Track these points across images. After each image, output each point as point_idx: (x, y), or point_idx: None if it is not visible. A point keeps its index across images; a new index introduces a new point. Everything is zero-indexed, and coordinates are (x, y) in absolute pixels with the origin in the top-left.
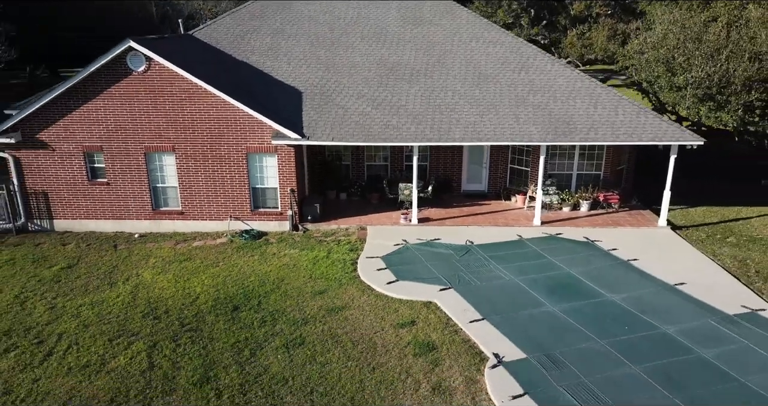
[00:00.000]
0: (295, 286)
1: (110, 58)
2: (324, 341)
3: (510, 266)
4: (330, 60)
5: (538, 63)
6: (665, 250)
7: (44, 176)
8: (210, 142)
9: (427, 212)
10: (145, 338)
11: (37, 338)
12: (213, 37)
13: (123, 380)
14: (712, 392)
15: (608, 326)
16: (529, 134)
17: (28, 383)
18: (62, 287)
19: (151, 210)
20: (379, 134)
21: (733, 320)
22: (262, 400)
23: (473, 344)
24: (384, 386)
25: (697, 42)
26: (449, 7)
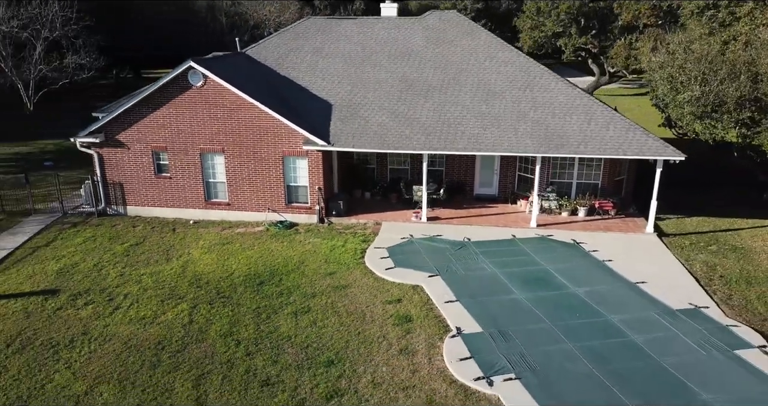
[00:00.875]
0: (311, 268)
1: (175, 74)
2: (325, 311)
3: (495, 261)
4: (359, 76)
5: (543, 81)
6: (642, 253)
7: (121, 170)
8: (253, 146)
9: (438, 211)
10: (188, 301)
11: (109, 297)
12: (262, 54)
13: (168, 330)
14: (628, 367)
15: (562, 313)
16: (525, 146)
17: (100, 328)
18: (130, 260)
19: (203, 201)
20: (393, 143)
21: (674, 314)
22: (269, 350)
23: (442, 319)
24: (364, 346)
25: (695, 62)
26: (471, 28)
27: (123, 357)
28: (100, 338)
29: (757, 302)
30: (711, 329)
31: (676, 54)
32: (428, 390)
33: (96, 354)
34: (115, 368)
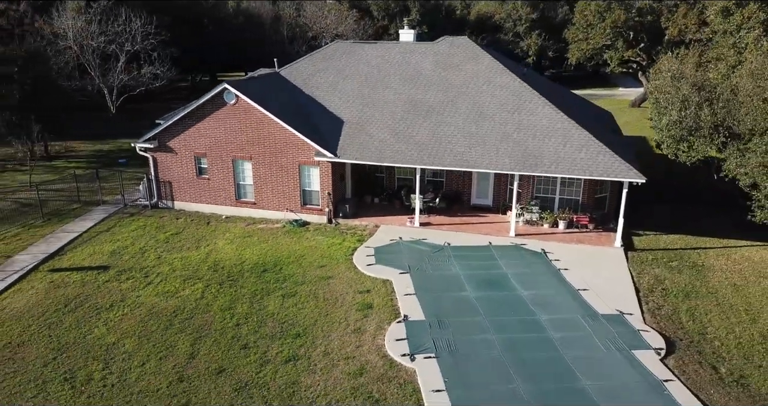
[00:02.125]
0: (308, 260)
1: (213, 94)
2: (307, 296)
3: (463, 263)
4: (370, 97)
5: (532, 106)
6: (599, 264)
7: (170, 171)
8: (275, 155)
9: (433, 218)
10: (203, 281)
11: (145, 274)
12: (293, 74)
13: (183, 302)
14: (533, 356)
15: (499, 310)
16: (503, 165)
17: (133, 297)
18: (168, 246)
19: (234, 200)
20: (390, 157)
21: (597, 317)
22: (254, 323)
23: (397, 308)
24: (327, 325)
25: (676, 87)
26: (475, 54)
27: (145, 320)
28: (132, 305)
29: (684, 313)
30: (621, 332)
31: (663, 77)
32: (363, 361)
33: (127, 317)
34: (138, 328)
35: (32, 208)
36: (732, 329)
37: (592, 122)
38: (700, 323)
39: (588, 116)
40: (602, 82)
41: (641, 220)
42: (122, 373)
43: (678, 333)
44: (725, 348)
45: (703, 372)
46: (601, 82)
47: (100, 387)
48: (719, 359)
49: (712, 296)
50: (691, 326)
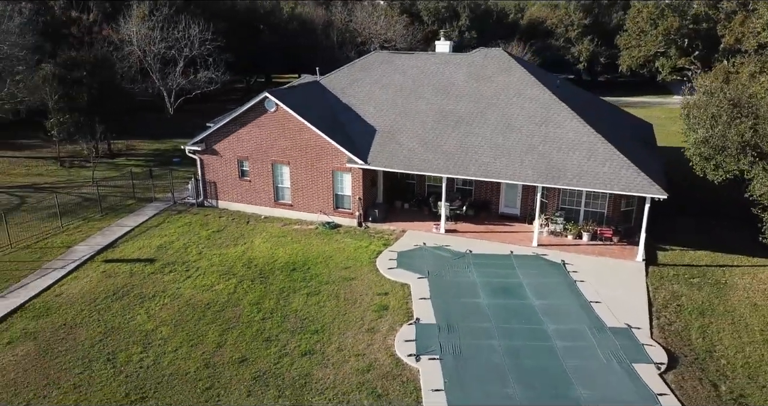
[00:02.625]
0: (335, 262)
1: (255, 102)
2: (329, 295)
3: (481, 271)
4: (403, 107)
5: (560, 118)
6: (617, 278)
7: (215, 172)
8: (311, 161)
9: (460, 225)
10: (237, 277)
11: (186, 268)
12: (332, 83)
13: (217, 296)
14: (534, 364)
15: (509, 318)
16: (526, 176)
17: (173, 289)
18: (209, 243)
19: (273, 201)
20: (417, 166)
21: (604, 330)
22: (279, 318)
23: (410, 311)
24: (344, 323)
25: (706, 107)
26: (508, 65)
27: (182, 310)
28: (171, 296)
29: (695, 330)
30: (625, 345)
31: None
32: (372, 358)
33: (166, 306)
34: (175, 317)
35: (93, 202)
36: (742, 348)
37: (625, 135)
38: (709, 341)
39: (623, 128)
40: (657, 90)
41: (669, 234)
42: (157, 357)
43: (684, 349)
44: (730, 367)
45: (702, 389)
46: (656, 90)
47: (137, 368)
48: (722, 377)
49: (728, 315)
50: (699, 343)
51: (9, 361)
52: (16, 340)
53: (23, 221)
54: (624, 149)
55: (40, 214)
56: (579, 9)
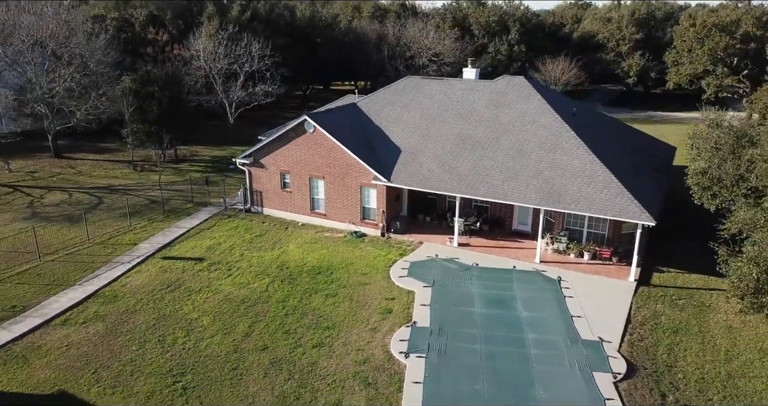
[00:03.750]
0: (355, 268)
1: (295, 124)
2: (345, 297)
3: (481, 283)
4: (427, 130)
5: (568, 146)
6: (605, 295)
7: (261, 183)
8: (342, 177)
9: (473, 240)
10: (270, 278)
11: (228, 267)
12: (367, 106)
13: (251, 293)
14: (506, 367)
15: (495, 326)
16: (529, 199)
17: (216, 285)
18: (251, 245)
19: (309, 210)
20: (433, 185)
21: (577, 341)
22: (299, 315)
23: (410, 315)
24: (352, 322)
25: (708, 138)
26: (528, 93)
27: (221, 304)
28: (213, 291)
29: (663, 346)
30: (592, 356)
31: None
32: (370, 353)
33: (208, 299)
34: (215, 309)
35: (157, 205)
36: (702, 365)
37: (632, 162)
38: (673, 357)
39: (634, 155)
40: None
41: (670, 256)
42: (196, 341)
43: (646, 363)
44: (685, 381)
45: (650, 398)
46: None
47: (180, 349)
48: (673, 389)
49: (700, 335)
50: (663, 359)
51: (83, 337)
52: (89, 320)
53: (99, 219)
54: (624, 177)
55: (113, 213)
56: (632, 23)
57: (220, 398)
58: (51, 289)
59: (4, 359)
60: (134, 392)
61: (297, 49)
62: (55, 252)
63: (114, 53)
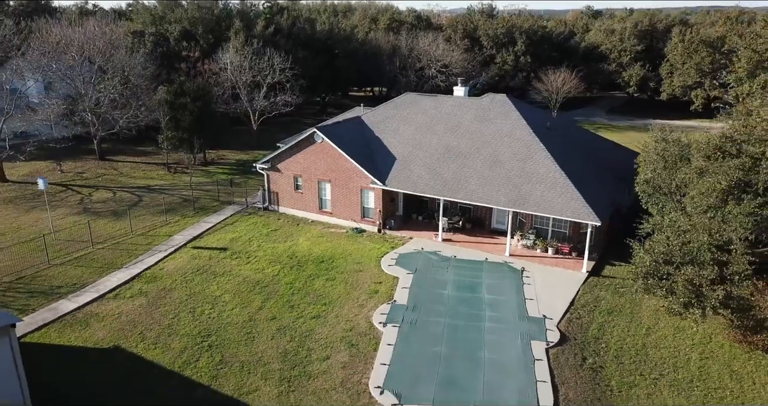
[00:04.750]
0: (352, 258)
1: (306, 135)
2: (341, 281)
3: (455, 271)
4: (419, 141)
5: (537, 156)
6: (558, 283)
7: (277, 184)
8: (345, 180)
9: (456, 236)
10: (281, 265)
11: (247, 256)
12: (370, 119)
13: (264, 276)
14: (463, 335)
15: (460, 305)
16: (499, 202)
17: (236, 270)
18: (267, 238)
19: (318, 209)
20: (421, 189)
21: (524, 318)
22: (302, 294)
23: (392, 295)
24: (345, 300)
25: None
26: (507, 110)
27: (240, 284)
28: (234, 275)
29: (595, 324)
30: (534, 329)
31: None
32: (355, 323)
33: (229, 281)
34: (235, 288)
35: (188, 203)
36: (624, 338)
37: (598, 169)
38: (602, 332)
39: (604, 162)
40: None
41: (627, 251)
42: (219, 313)
43: (577, 335)
44: (606, 349)
45: (572, 360)
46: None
47: (206, 318)
48: (594, 354)
49: (630, 316)
50: (593, 333)
51: (130, 308)
52: (134, 295)
53: (140, 215)
54: (581, 184)
55: (152, 210)
56: (634, 35)
57: (237, 353)
58: (103, 271)
59: (71, 322)
60: (171, 347)
61: (316, 60)
62: (105, 241)
63: (152, 67)
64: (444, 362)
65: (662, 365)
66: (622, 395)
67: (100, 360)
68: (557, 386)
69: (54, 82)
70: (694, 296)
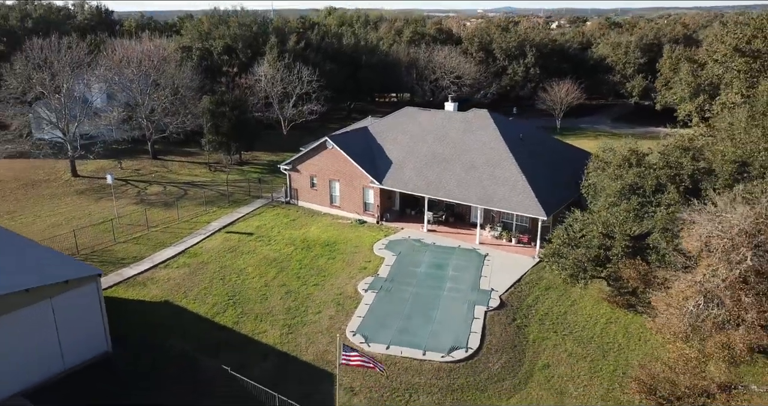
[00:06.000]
0: (352, 243)
1: (319, 142)
2: (340, 260)
3: (431, 254)
4: (412, 148)
5: (505, 163)
6: (511, 265)
7: (296, 182)
8: (350, 180)
9: (439, 228)
10: (294, 246)
11: (268, 239)
12: (375, 129)
13: (280, 255)
14: (424, 301)
15: (428, 279)
16: (470, 199)
17: (259, 249)
18: (286, 226)
19: (329, 203)
20: (410, 188)
21: (476, 289)
22: (308, 268)
23: (377, 271)
24: (340, 273)
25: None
26: (486, 124)
27: (260, 260)
28: (257, 253)
29: (532, 296)
30: (480, 297)
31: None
32: (345, 289)
33: (252, 258)
34: (256, 263)
35: (224, 196)
36: (552, 307)
37: (558, 174)
38: (535, 302)
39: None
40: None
41: None
42: (243, 280)
43: (514, 303)
44: (533, 313)
45: (504, 320)
46: None
47: (233, 284)
48: (522, 317)
49: (562, 290)
50: (527, 302)
51: (176, 275)
52: (180, 266)
53: (185, 205)
54: (538, 186)
55: (194, 201)
56: (639, 48)
57: (253, 308)
58: (156, 248)
59: (132, 284)
60: (206, 302)
61: (341, 72)
62: (157, 226)
63: (197, 78)
64: (404, 317)
65: (574, 326)
66: (535, 344)
67: (154, 309)
68: (486, 336)
69: (115, 93)
70: (579, 270)
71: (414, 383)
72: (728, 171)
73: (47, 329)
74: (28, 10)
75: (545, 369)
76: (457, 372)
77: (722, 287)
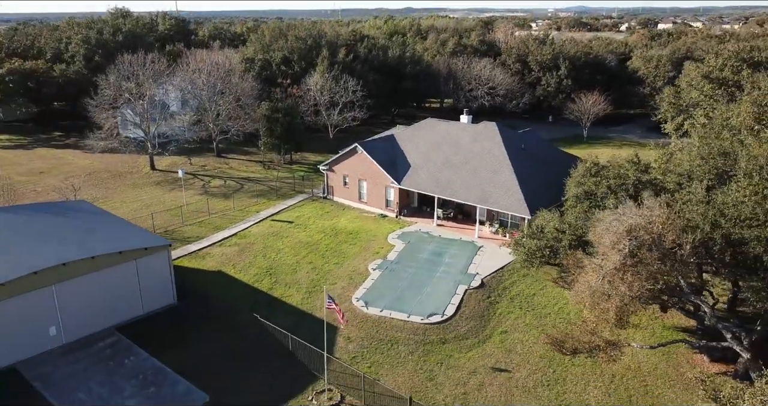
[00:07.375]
0: (372, 233)
1: (351, 148)
2: (358, 246)
3: (434, 244)
4: (428, 155)
5: (503, 169)
6: (500, 256)
7: (332, 181)
8: (375, 180)
9: (447, 223)
10: (325, 233)
11: (305, 227)
12: (399, 137)
13: (313, 239)
14: (419, 280)
15: (426, 263)
16: (471, 199)
17: (295, 234)
18: (320, 217)
19: (358, 199)
20: (423, 188)
21: (463, 273)
22: (332, 251)
23: (387, 255)
24: (357, 256)
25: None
26: (493, 134)
27: (296, 243)
28: (293, 238)
29: (510, 279)
30: (465, 279)
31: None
32: (359, 268)
33: (290, 241)
34: (292, 245)
35: (273, 191)
36: (524, 290)
37: (551, 180)
38: (511, 284)
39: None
40: None
41: None
42: (280, 257)
43: (493, 285)
44: (506, 293)
45: (480, 297)
46: None
47: (272, 260)
48: (496, 295)
49: (537, 278)
50: (504, 285)
51: (228, 252)
52: (232, 245)
53: (240, 197)
54: (529, 190)
55: (248, 194)
56: (670, 62)
57: (284, 278)
58: (215, 230)
59: (194, 256)
60: (250, 273)
61: (386, 82)
62: (216, 213)
63: (257, 86)
64: (399, 290)
65: (537, 304)
66: (501, 316)
67: (209, 276)
68: (461, 307)
69: (188, 99)
70: (533, 257)
71: (396, 337)
72: (672, 181)
73: (133, 282)
74: (119, 24)
75: (503, 334)
76: (431, 331)
77: (611, 268)
